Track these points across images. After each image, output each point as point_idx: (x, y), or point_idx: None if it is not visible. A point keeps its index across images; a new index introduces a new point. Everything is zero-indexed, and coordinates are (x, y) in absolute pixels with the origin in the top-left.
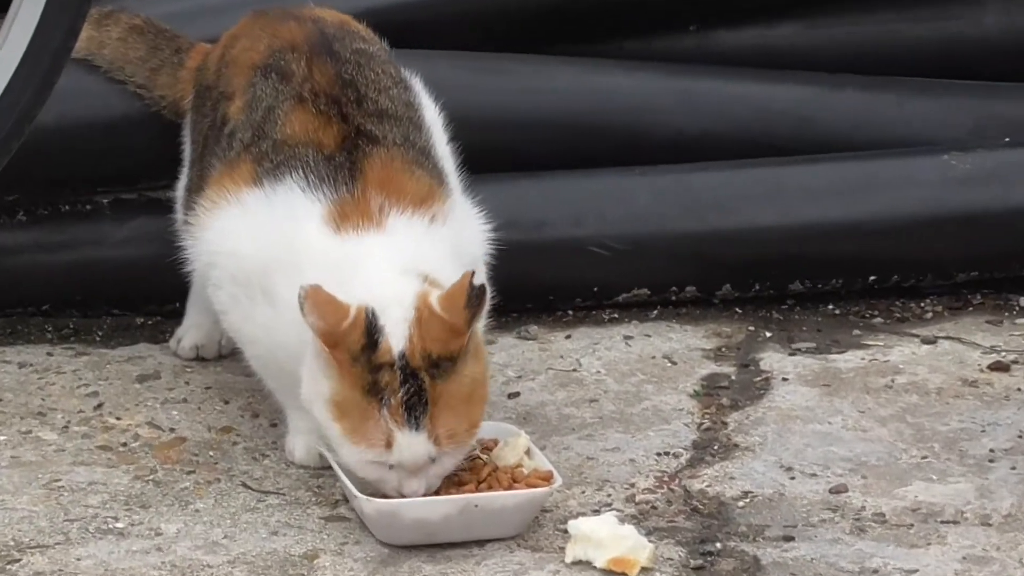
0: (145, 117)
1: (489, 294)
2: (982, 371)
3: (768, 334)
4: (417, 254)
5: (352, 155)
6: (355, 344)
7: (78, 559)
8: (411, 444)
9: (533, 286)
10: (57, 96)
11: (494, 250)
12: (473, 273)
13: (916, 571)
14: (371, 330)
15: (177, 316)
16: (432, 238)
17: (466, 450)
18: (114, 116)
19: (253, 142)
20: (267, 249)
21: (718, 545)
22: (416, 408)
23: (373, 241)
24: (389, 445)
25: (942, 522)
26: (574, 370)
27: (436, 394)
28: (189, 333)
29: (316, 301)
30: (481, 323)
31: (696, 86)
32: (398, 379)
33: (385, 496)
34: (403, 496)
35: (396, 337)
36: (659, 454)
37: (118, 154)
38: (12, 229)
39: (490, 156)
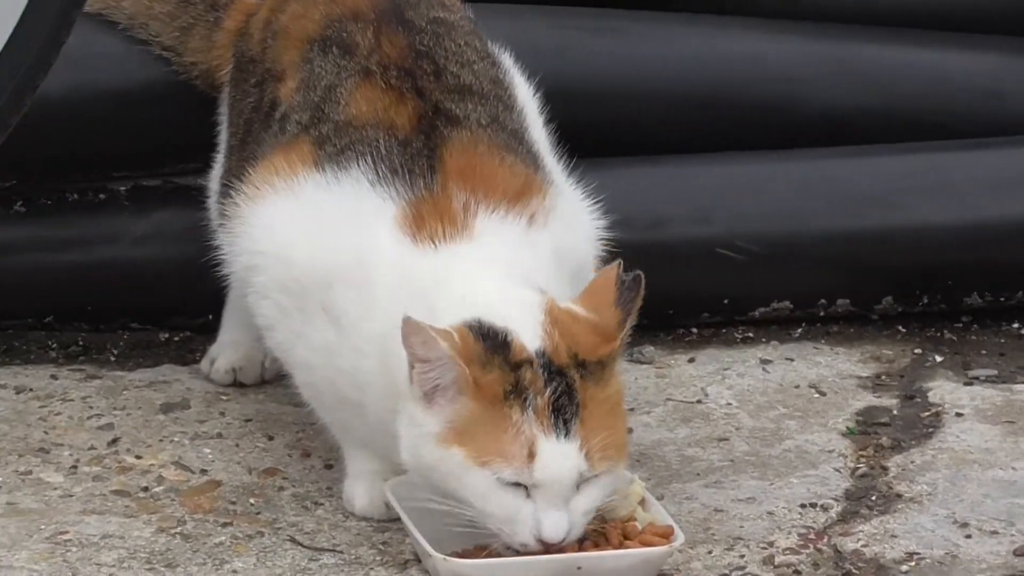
0: (172, 86)
1: (643, 285)
2: None
3: (938, 358)
4: (515, 266)
5: (430, 139)
6: (477, 351)
7: None
8: (559, 454)
9: (649, 297)
10: (64, 59)
11: (602, 252)
12: (620, 263)
13: None
14: (487, 333)
15: (210, 331)
16: (532, 245)
17: (616, 481)
18: (134, 84)
19: (312, 123)
20: (327, 255)
21: None
22: (565, 410)
23: (460, 252)
24: (532, 456)
25: None
26: (699, 401)
27: (587, 397)
28: (225, 353)
29: (419, 330)
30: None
31: (852, 52)
32: (542, 377)
33: (517, 548)
34: (541, 538)
35: (528, 336)
36: (804, 506)
37: (138, 131)
38: (8, 223)
39: (596, 138)
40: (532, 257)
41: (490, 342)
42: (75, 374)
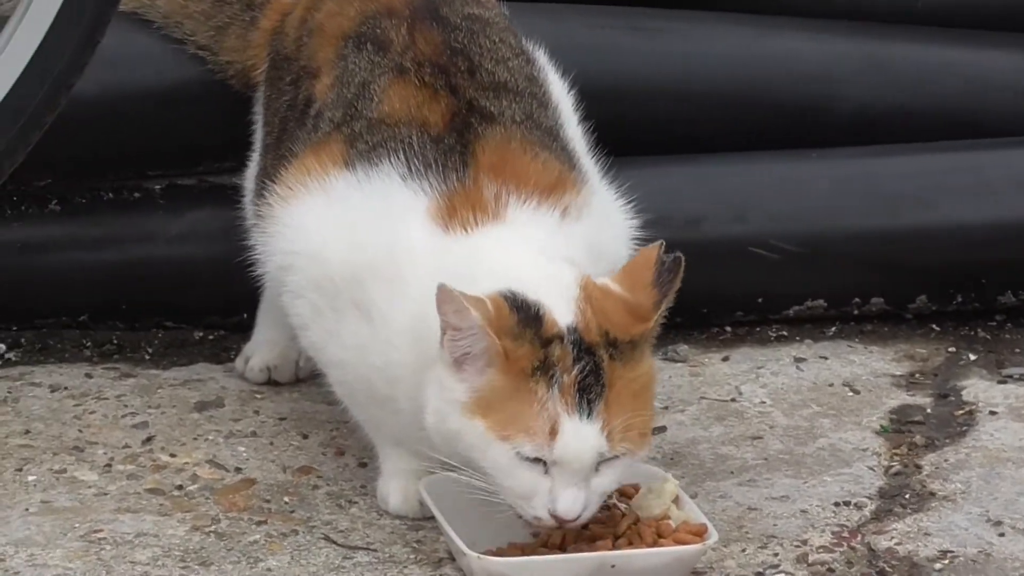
0: (207, 85)
1: (683, 267)
2: None
3: (972, 357)
4: (549, 247)
5: (463, 136)
6: (510, 322)
7: None
8: (581, 433)
9: (684, 296)
10: (100, 58)
11: (637, 250)
12: (663, 244)
13: None
14: (521, 305)
15: (245, 330)
16: (566, 235)
17: (638, 457)
18: (169, 84)
19: (344, 121)
20: (359, 251)
21: None
22: (591, 390)
23: (492, 234)
24: (553, 434)
25: None
26: (733, 400)
27: (614, 377)
28: (259, 351)
29: (453, 297)
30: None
31: (888, 51)
32: (571, 354)
33: (537, 516)
34: (556, 514)
35: (561, 311)
36: (837, 504)
37: (173, 130)
38: (43, 221)
39: (633, 137)
40: (566, 245)
41: (522, 315)
42: (110, 372)
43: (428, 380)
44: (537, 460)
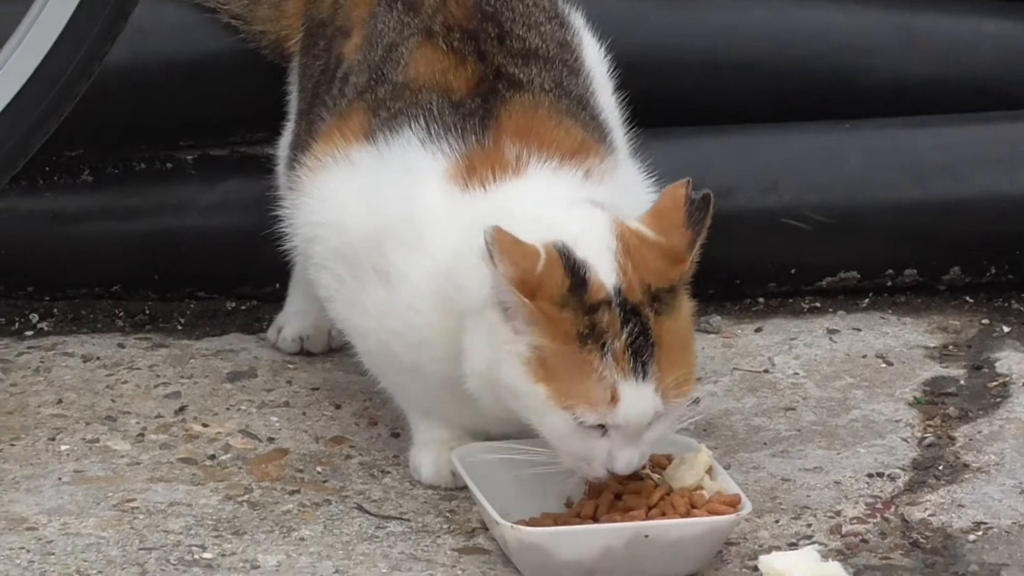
0: (240, 55)
1: (712, 204)
2: None
3: (1006, 328)
4: (573, 198)
5: (487, 101)
6: (558, 287)
7: None
8: (639, 397)
9: (716, 267)
10: (132, 28)
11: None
12: (690, 181)
13: None
14: (573, 266)
15: (277, 300)
16: (588, 193)
17: (683, 409)
18: (202, 54)
19: (369, 87)
20: (378, 218)
21: None
22: (642, 352)
23: (513, 188)
24: (613, 401)
25: None
26: (766, 371)
27: (661, 334)
28: (292, 321)
29: (504, 245)
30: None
31: (922, 22)
32: (619, 319)
33: (596, 476)
34: (615, 471)
35: (604, 270)
36: (871, 475)
37: (205, 100)
38: (76, 191)
39: (666, 107)
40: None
41: (571, 278)
42: (142, 343)
43: (467, 330)
44: (597, 426)
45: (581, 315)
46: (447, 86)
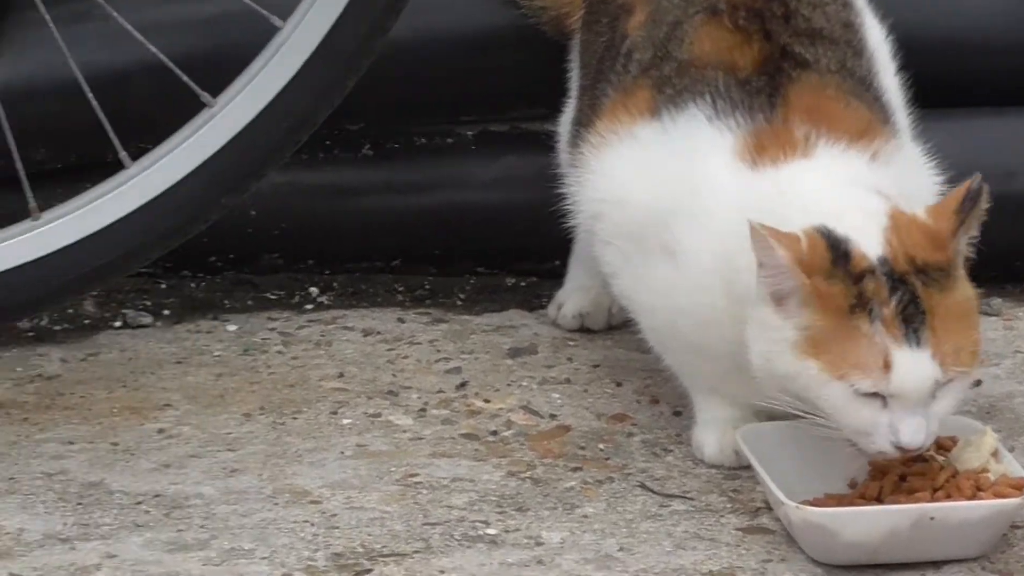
0: (520, 30)
1: (984, 199)
2: None
3: None
4: (859, 182)
5: (774, 79)
6: (824, 261)
7: (441, 571)
8: (914, 363)
9: (997, 250)
10: (415, 4)
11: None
12: (979, 175)
13: None
14: (835, 241)
15: (557, 277)
16: (876, 176)
17: (970, 381)
18: (482, 29)
19: (653, 64)
20: (664, 194)
21: None
22: (913, 319)
23: (800, 169)
24: (887, 366)
25: None
26: None
27: (932, 303)
28: (572, 298)
29: (771, 232)
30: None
31: None
32: (886, 286)
33: (881, 450)
34: (900, 444)
35: (869, 242)
36: None
37: (486, 75)
38: (356, 165)
39: (945, 88)
40: (876, 185)
41: (835, 252)
42: (422, 317)
43: (747, 321)
44: (874, 395)
45: (850, 285)
46: (733, 64)
